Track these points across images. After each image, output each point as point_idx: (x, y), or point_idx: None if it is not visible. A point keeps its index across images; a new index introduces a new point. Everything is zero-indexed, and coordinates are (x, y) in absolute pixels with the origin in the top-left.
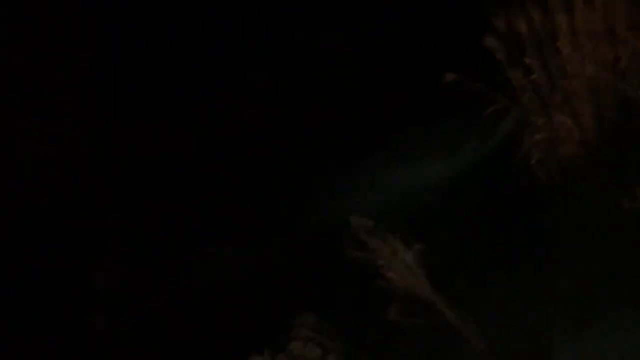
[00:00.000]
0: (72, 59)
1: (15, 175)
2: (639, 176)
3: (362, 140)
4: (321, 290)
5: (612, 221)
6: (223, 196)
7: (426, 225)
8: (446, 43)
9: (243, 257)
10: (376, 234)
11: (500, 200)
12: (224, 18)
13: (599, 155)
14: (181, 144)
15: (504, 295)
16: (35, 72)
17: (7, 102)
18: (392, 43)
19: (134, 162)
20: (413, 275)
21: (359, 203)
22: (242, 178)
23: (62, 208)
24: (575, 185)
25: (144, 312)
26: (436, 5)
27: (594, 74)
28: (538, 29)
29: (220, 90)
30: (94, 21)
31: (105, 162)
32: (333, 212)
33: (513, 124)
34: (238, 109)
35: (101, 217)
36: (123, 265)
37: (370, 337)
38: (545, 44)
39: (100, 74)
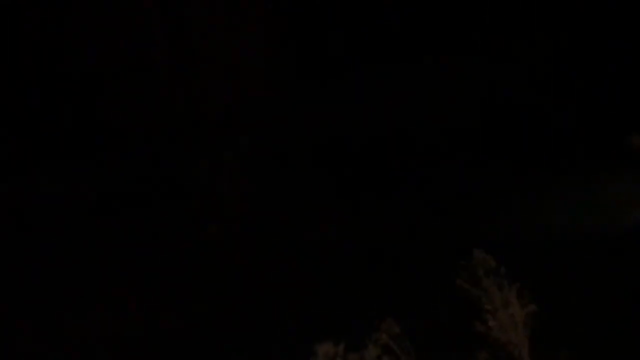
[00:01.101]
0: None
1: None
2: None
3: (532, 180)
4: (416, 306)
5: None
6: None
7: (548, 286)
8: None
9: (358, 237)
10: (495, 276)
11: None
12: None
13: None
14: (343, 106)
15: None
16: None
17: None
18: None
19: (301, 114)
20: (516, 333)
21: (493, 238)
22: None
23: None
24: None
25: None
26: None
27: None
28: None
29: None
30: None
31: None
32: (463, 234)
33: None
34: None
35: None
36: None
37: None
38: None
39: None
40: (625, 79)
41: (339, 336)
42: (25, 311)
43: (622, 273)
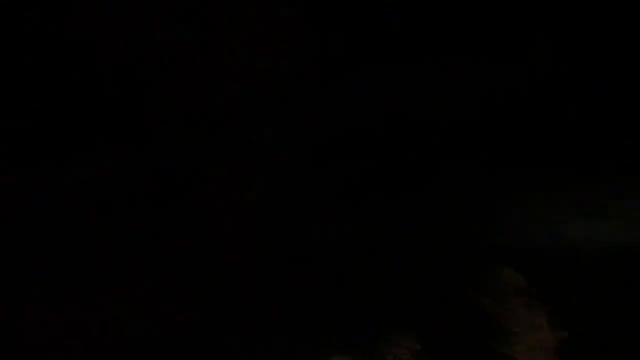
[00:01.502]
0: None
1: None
2: None
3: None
4: (439, 322)
5: None
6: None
7: (579, 308)
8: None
9: (372, 247)
10: (526, 297)
11: None
12: None
13: None
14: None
15: None
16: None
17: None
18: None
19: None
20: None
21: (521, 253)
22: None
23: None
24: None
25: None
26: None
27: None
28: None
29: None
30: None
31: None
32: (494, 247)
33: None
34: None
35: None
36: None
37: None
38: None
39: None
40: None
41: (355, 349)
42: (29, 310)
43: None
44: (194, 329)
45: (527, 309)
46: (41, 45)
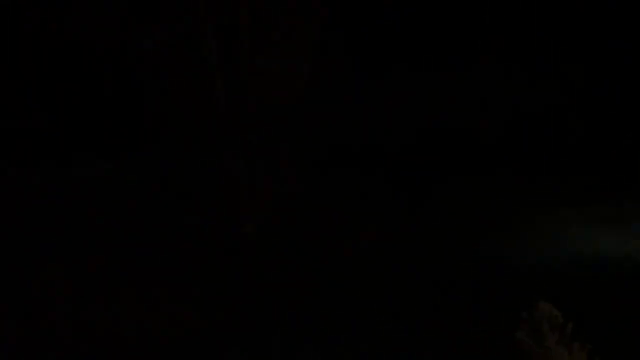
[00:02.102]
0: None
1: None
2: None
3: None
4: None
5: None
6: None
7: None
8: None
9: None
10: (561, 333)
11: None
12: None
13: None
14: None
15: None
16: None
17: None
18: None
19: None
20: None
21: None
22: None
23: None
24: None
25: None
26: None
27: None
28: None
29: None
30: None
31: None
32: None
33: None
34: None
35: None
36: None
37: None
38: None
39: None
40: None
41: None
42: (29, 310)
43: None
44: (194, 329)
45: (565, 348)
46: (41, 45)
